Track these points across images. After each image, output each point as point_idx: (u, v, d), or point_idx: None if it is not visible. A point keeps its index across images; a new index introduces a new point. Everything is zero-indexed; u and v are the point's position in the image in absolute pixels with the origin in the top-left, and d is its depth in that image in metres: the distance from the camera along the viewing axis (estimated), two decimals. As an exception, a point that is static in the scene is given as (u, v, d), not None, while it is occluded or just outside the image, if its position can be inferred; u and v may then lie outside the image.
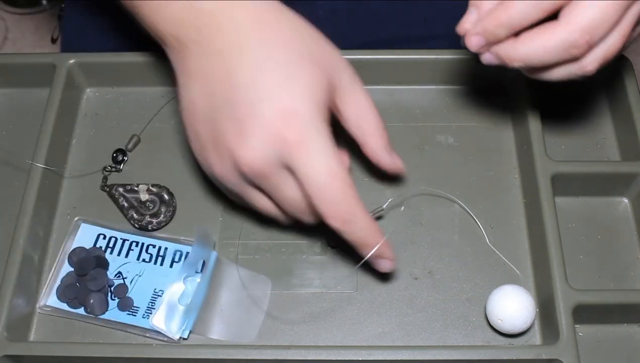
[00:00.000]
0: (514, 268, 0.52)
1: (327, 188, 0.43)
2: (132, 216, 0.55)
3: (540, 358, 0.46)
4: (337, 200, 0.43)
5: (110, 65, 0.60)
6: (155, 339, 0.50)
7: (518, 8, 0.42)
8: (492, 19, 0.42)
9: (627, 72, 0.57)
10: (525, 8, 0.42)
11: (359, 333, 0.50)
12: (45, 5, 1.63)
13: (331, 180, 0.42)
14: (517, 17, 0.42)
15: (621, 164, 0.56)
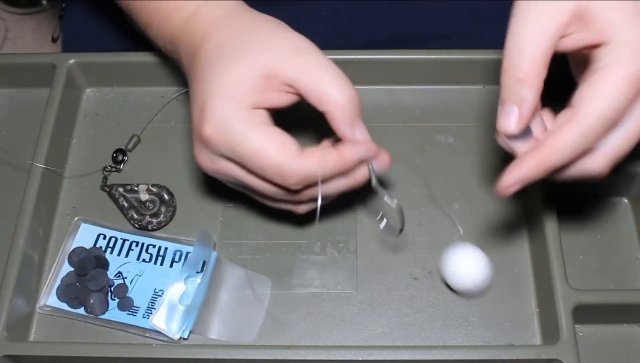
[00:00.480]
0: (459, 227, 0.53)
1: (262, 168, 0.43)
2: (132, 216, 0.55)
3: (540, 358, 0.46)
4: (279, 174, 0.43)
5: (110, 65, 0.60)
6: (155, 339, 0.50)
7: (562, 154, 0.41)
8: (537, 168, 0.41)
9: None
10: (568, 156, 0.41)
11: (359, 333, 0.50)
12: (46, 5, 1.63)
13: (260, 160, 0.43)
14: (560, 162, 0.41)
15: (621, 164, 0.56)
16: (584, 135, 0.40)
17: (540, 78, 0.41)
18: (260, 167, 0.43)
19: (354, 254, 0.53)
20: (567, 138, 0.40)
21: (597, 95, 0.40)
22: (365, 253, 0.53)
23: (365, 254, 0.53)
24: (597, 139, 0.40)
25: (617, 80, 0.39)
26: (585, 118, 0.40)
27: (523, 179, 0.41)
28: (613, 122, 0.40)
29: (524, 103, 0.41)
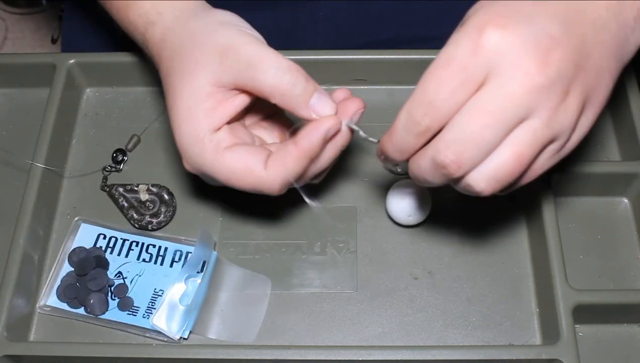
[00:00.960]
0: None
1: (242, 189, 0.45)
2: (132, 216, 0.55)
3: (540, 358, 0.46)
4: (258, 191, 0.45)
5: (110, 65, 0.60)
6: (155, 339, 0.50)
7: (396, 139, 0.41)
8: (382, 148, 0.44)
9: (627, 72, 0.57)
10: (402, 139, 0.41)
11: (359, 333, 0.50)
12: (45, 5, 1.63)
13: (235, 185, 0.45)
14: (397, 148, 0.42)
15: (621, 163, 0.56)
16: (407, 119, 0.39)
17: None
18: (240, 188, 0.45)
19: (354, 254, 0.53)
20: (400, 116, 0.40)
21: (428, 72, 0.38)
22: (365, 253, 0.53)
23: (365, 254, 0.53)
24: (422, 125, 0.38)
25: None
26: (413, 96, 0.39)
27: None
28: (477, 150, 0.37)
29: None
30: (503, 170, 0.38)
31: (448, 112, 0.37)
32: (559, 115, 0.37)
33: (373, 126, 0.59)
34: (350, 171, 0.57)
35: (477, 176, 0.39)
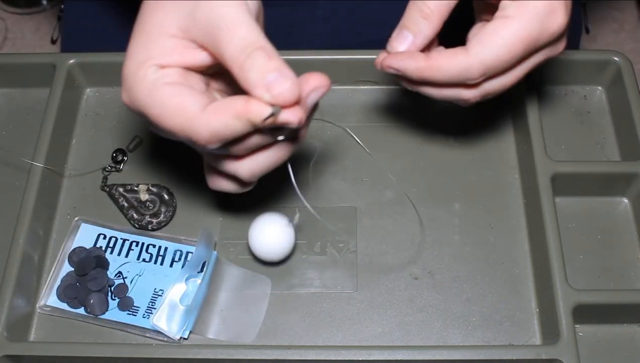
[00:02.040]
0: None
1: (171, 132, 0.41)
2: (132, 216, 0.55)
3: (540, 358, 0.46)
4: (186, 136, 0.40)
5: (110, 65, 0.60)
6: (155, 339, 0.50)
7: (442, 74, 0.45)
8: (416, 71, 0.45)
9: (627, 72, 0.57)
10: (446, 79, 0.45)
11: (359, 333, 0.50)
12: (45, 5, 1.63)
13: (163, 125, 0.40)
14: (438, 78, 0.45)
15: (621, 164, 0.56)
16: (466, 71, 0.44)
17: (441, 18, 0.45)
18: (170, 131, 0.41)
19: (354, 254, 0.53)
20: (451, 65, 0.44)
21: (490, 43, 0.43)
22: (365, 253, 0.53)
23: (365, 254, 0.53)
24: (477, 79, 0.44)
25: (512, 35, 0.43)
26: (474, 57, 0.43)
27: (398, 70, 0.46)
28: (496, 71, 0.44)
29: (419, 35, 0.46)
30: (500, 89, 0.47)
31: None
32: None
33: (373, 126, 0.59)
34: (350, 171, 0.57)
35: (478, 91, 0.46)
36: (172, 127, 0.40)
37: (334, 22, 0.67)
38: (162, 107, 0.40)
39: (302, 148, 0.58)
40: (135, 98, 0.41)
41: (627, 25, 1.57)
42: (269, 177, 0.57)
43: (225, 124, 0.39)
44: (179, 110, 0.40)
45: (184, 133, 0.40)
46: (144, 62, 0.41)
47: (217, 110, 0.39)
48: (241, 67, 0.39)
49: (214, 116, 0.39)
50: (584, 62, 0.59)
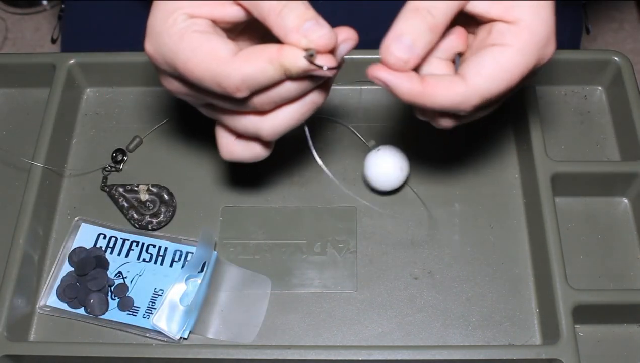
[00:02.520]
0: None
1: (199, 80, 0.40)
2: (132, 216, 0.55)
3: (540, 358, 0.46)
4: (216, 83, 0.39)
5: (110, 65, 0.60)
6: (155, 339, 0.50)
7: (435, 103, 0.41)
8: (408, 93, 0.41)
9: (627, 72, 0.57)
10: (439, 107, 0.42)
11: (359, 333, 0.50)
12: (45, 5, 1.63)
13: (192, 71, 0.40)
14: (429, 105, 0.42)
15: (621, 163, 0.56)
16: (462, 103, 0.41)
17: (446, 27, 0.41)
18: (197, 79, 0.40)
19: (354, 254, 0.53)
20: (448, 96, 0.41)
21: (490, 76, 0.40)
22: (365, 253, 0.53)
23: (365, 254, 0.53)
24: (469, 111, 0.42)
25: (513, 67, 0.40)
26: (472, 89, 0.40)
27: (388, 85, 0.41)
28: (494, 99, 0.42)
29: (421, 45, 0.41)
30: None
31: None
32: None
33: (373, 126, 0.59)
34: (350, 171, 0.57)
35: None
36: (202, 73, 0.39)
37: (334, 21, 0.67)
38: (192, 52, 0.39)
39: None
40: (163, 45, 0.40)
41: (627, 25, 1.57)
42: (269, 176, 0.57)
43: (258, 69, 0.39)
44: (210, 56, 0.39)
45: (214, 79, 0.39)
46: (174, 11, 0.40)
47: (250, 55, 0.39)
48: (279, 13, 0.39)
49: (247, 61, 0.39)
50: (584, 62, 0.59)
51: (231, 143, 0.46)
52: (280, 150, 0.58)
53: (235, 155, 0.46)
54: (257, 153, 0.46)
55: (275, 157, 0.58)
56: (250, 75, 0.39)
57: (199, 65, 0.39)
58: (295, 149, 0.58)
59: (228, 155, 0.46)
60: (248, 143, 0.46)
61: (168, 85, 0.43)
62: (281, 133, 0.43)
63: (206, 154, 0.58)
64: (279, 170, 0.57)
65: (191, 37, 0.39)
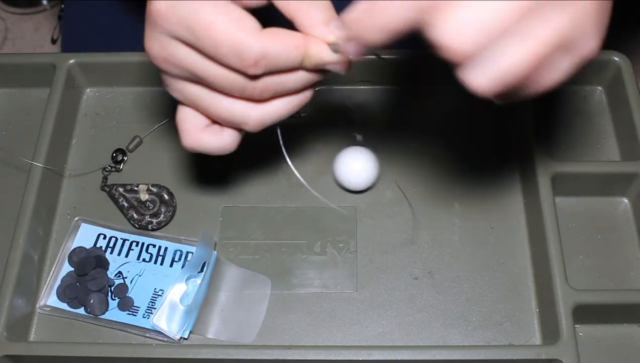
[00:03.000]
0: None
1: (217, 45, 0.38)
2: (132, 216, 0.55)
3: (540, 358, 0.46)
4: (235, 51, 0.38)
5: (110, 65, 0.60)
6: (155, 339, 0.50)
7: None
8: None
9: (627, 72, 0.58)
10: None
11: (359, 333, 0.50)
12: (45, 5, 1.63)
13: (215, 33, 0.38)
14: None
15: (621, 163, 0.56)
16: None
17: None
18: (214, 44, 0.38)
19: (354, 254, 0.53)
20: None
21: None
22: (365, 253, 0.53)
23: (365, 254, 0.53)
24: None
25: None
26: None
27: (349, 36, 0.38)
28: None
29: None
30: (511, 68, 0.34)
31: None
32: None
33: (372, 126, 0.59)
34: (350, 171, 0.57)
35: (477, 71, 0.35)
36: (224, 39, 0.38)
37: (334, 21, 0.67)
38: (218, 15, 0.38)
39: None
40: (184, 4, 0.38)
41: (627, 25, 1.57)
42: (269, 176, 0.57)
43: (282, 49, 0.38)
44: (237, 23, 0.38)
45: (235, 48, 0.38)
46: None
47: (277, 34, 0.39)
48: (310, 5, 0.39)
49: (273, 38, 0.38)
50: (584, 62, 0.59)
51: (199, 130, 0.43)
52: (280, 150, 0.58)
53: (203, 143, 0.44)
54: (226, 144, 0.44)
55: (275, 157, 0.58)
56: (272, 53, 0.38)
57: (223, 31, 0.38)
58: (295, 149, 0.58)
59: (193, 142, 0.44)
60: (220, 131, 0.44)
61: (160, 49, 0.40)
62: (266, 125, 0.42)
63: (206, 153, 0.58)
64: (278, 170, 0.57)
65: (217, 2, 0.38)
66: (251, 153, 0.58)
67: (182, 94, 0.43)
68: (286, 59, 0.39)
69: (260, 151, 0.58)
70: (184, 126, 0.44)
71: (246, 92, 0.41)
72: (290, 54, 0.39)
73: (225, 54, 0.38)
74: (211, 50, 0.38)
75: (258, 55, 0.38)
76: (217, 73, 0.40)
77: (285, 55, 0.39)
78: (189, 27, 0.38)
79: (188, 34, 0.38)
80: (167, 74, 0.42)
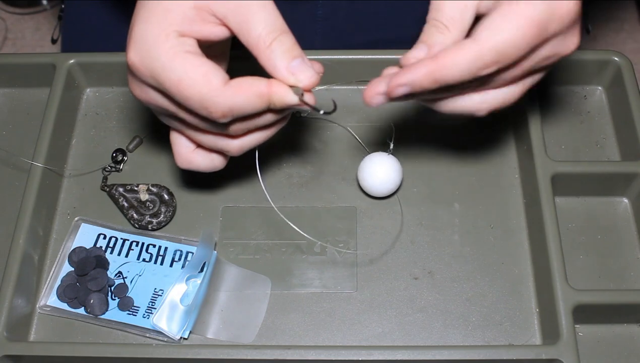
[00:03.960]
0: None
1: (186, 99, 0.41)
2: (132, 216, 0.55)
3: (540, 358, 0.46)
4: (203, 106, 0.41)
5: (110, 65, 0.60)
6: (155, 339, 0.50)
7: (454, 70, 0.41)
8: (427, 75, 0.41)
9: (627, 72, 0.57)
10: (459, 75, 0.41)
11: (359, 333, 0.50)
12: (45, 5, 1.63)
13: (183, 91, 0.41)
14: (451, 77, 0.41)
15: (621, 164, 0.56)
16: (478, 60, 0.40)
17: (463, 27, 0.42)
18: (184, 99, 0.41)
19: (354, 254, 0.53)
20: (463, 57, 0.40)
21: (499, 27, 0.40)
22: (365, 253, 0.53)
23: (365, 254, 0.53)
24: (490, 67, 0.41)
25: (522, 18, 0.40)
26: (484, 44, 0.40)
27: (408, 83, 0.42)
28: (509, 58, 0.41)
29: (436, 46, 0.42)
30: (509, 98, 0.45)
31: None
32: None
33: (373, 126, 0.59)
34: (350, 171, 0.57)
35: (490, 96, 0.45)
36: (190, 96, 0.41)
37: (334, 21, 0.67)
38: (185, 73, 0.40)
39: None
40: (155, 59, 0.41)
41: (627, 25, 1.57)
42: (269, 176, 0.57)
43: (246, 100, 0.41)
44: (203, 81, 0.40)
45: (202, 103, 0.41)
46: (167, 27, 0.41)
47: (241, 86, 0.41)
48: (268, 47, 0.41)
49: (237, 92, 0.41)
50: (584, 62, 0.59)
51: (190, 152, 0.48)
52: (280, 150, 0.58)
53: (194, 164, 0.48)
54: (216, 164, 0.48)
55: (275, 158, 0.58)
56: (237, 105, 0.41)
57: (190, 88, 0.40)
58: (295, 149, 0.58)
59: (185, 163, 0.48)
60: (208, 154, 0.47)
61: (141, 93, 0.44)
62: (248, 149, 0.46)
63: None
64: (278, 170, 0.57)
65: (184, 58, 0.41)
66: (251, 153, 0.58)
67: (170, 124, 0.47)
68: (252, 108, 0.42)
69: (261, 151, 0.58)
70: (176, 149, 0.48)
71: (222, 132, 0.44)
72: (255, 104, 0.41)
73: (195, 107, 0.41)
74: (182, 102, 0.42)
75: (225, 109, 0.41)
76: (191, 118, 0.43)
77: (250, 106, 0.41)
78: (160, 82, 0.41)
79: (159, 86, 0.42)
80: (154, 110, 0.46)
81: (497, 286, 0.52)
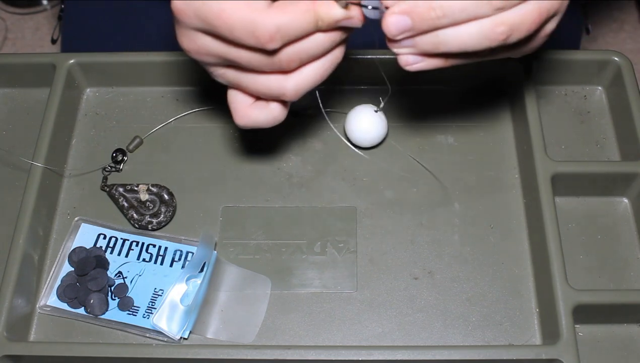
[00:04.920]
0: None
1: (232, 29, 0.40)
2: (132, 216, 0.55)
3: (540, 358, 0.46)
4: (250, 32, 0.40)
5: (110, 65, 0.60)
6: (155, 339, 0.50)
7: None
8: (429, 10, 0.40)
9: (627, 72, 0.57)
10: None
11: (359, 333, 0.50)
12: (46, 5, 1.63)
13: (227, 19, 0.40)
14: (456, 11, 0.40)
15: (621, 163, 0.56)
16: None
17: None
18: (229, 28, 0.40)
19: (354, 254, 0.53)
20: None
21: None
22: (365, 253, 0.53)
23: (365, 254, 0.53)
24: None
25: None
26: None
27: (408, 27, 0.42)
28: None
29: None
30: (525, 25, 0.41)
31: None
32: None
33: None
34: (350, 171, 0.57)
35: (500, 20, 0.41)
36: (236, 21, 0.40)
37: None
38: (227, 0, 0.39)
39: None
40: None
41: (627, 25, 1.57)
42: (269, 176, 0.57)
43: (293, 18, 0.40)
44: (245, 4, 0.40)
45: (248, 27, 0.40)
46: None
47: (285, 5, 0.40)
48: None
49: (282, 11, 0.40)
50: (584, 62, 0.59)
51: (247, 107, 0.46)
52: (280, 150, 0.58)
53: (253, 118, 0.46)
54: (275, 115, 0.46)
55: (275, 157, 0.58)
56: (284, 25, 0.40)
57: (234, 13, 0.39)
58: (295, 149, 0.58)
59: (244, 119, 0.46)
60: (267, 105, 0.46)
61: (189, 43, 0.43)
62: (304, 92, 0.44)
63: (206, 154, 0.58)
64: (278, 170, 0.57)
65: None
66: (251, 153, 0.58)
67: (224, 78, 0.45)
68: (299, 27, 0.40)
69: (261, 151, 0.58)
70: (233, 106, 0.46)
71: (274, 66, 0.42)
72: (301, 21, 0.40)
73: (241, 35, 0.40)
74: (228, 35, 0.40)
75: (271, 30, 0.40)
76: (242, 55, 0.42)
77: (297, 24, 0.40)
78: (204, 17, 0.40)
79: (205, 24, 0.41)
80: (204, 63, 0.44)
81: (497, 286, 0.52)
